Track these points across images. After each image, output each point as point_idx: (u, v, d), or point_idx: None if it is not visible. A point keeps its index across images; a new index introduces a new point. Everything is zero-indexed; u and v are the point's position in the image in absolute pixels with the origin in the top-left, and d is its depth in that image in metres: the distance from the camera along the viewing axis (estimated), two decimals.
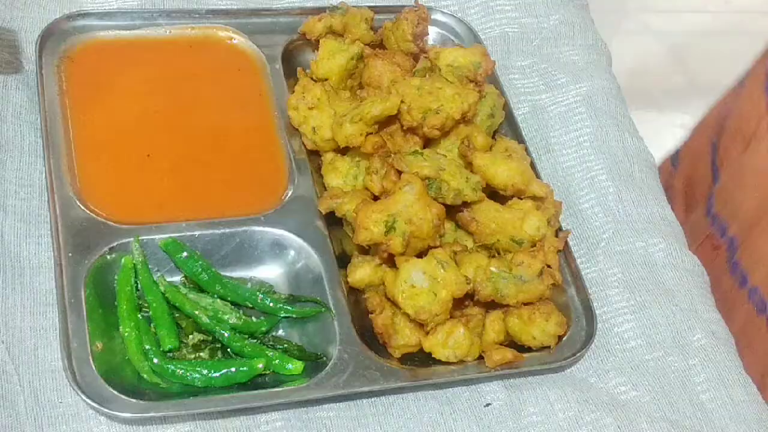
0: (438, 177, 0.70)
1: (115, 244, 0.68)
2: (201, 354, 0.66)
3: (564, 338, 0.71)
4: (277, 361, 0.65)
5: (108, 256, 0.67)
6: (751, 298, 0.80)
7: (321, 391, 0.64)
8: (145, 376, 0.63)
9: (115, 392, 0.61)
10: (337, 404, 0.66)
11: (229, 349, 0.66)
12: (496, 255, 0.71)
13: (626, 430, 0.69)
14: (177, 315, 0.67)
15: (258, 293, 0.69)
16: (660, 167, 0.92)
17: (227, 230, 0.70)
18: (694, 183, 0.93)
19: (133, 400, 0.61)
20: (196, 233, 0.70)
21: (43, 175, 0.71)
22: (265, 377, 0.65)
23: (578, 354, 0.70)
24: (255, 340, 0.67)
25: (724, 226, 0.84)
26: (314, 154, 0.77)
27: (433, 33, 0.86)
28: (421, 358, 0.68)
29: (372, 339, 0.68)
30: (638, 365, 0.73)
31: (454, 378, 0.68)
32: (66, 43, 0.78)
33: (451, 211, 0.72)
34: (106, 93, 0.77)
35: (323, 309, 0.68)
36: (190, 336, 0.66)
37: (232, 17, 0.83)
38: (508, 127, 0.83)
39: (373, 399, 0.67)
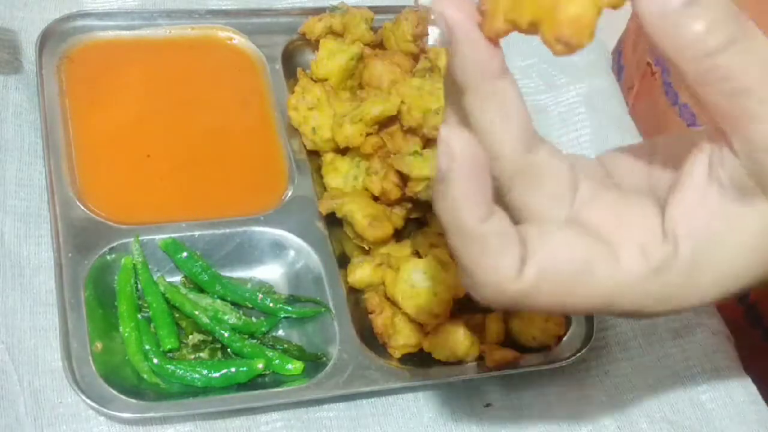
0: None
1: (115, 244, 0.68)
2: (201, 354, 0.66)
3: (564, 338, 0.71)
4: (277, 362, 0.65)
5: (108, 256, 0.67)
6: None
7: (321, 391, 0.64)
8: (145, 376, 0.63)
9: (115, 392, 0.61)
10: (337, 404, 0.66)
11: (229, 350, 0.67)
12: None
13: (626, 430, 0.69)
14: (177, 315, 0.67)
15: (258, 293, 0.69)
16: None
17: (227, 230, 0.70)
18: None
19: (133, 400, 0.61)
20: (196, 233, 0.70)
21: (43, 175, 0.71)
22: (265, 377, 0.65)
23: (578, 354, 0.70)
24: (255, 341, 0.67)
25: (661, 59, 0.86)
26: (314, 154, 0.77)
27: (433, 33, 0.86)
28: (421, 358, 0.68)
29: (372, 339, 0.68)
30: (638, 365, 0.73)
31: (454, 378, 0.68)
32: (66, 43, 0.78)
33: None
34: (106, 93, 0.77)
35: (323, 309, 0.68)
36: (190, 336, 0.66)
37: (232, 17, 0.83)
38: None
39: (373, 399, 0.67)
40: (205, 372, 0.64)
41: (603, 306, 0.40)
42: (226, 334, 0.66)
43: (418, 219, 0.75)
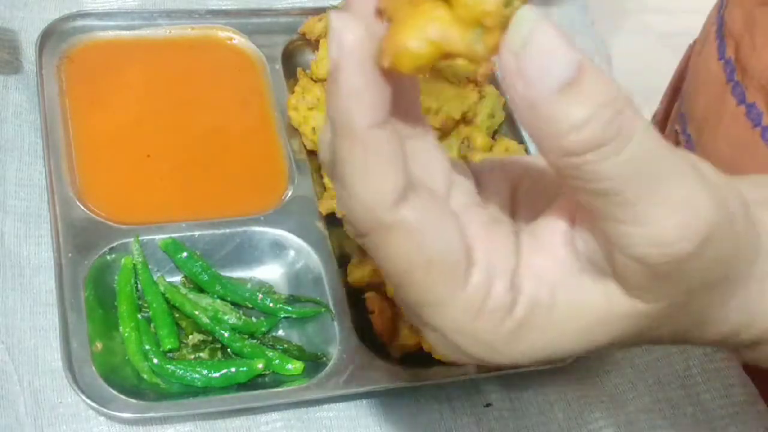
0: None
1: (115, 244, 0.68)
2: (201, 354, 0.66)
3: None
4: (277, 362, 0.65)
5: (108, 256, 0.67)
6: None
7: (321, 391, 0.64)
8: (145, 376, 0.63)
9: (115, 392, 0.61)
10: (337, 404, 0.66)
11: (229, 350, 0.67)
12: None
13: (626, 430, 0.69)
14: (177, 315, 0.67)
15: (258, 293, 0.69)
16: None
17: (227, 230, 0.70)
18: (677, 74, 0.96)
19: (133, 401, 0.61)
20: (196, 233, 0.70)
21: (43, 175, 0.71)
22: (265, 377, 0.65)
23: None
24: (255, 341, 0.67)
25: (685, 124, 0.86)
26: (314, 154, 0.77)
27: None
28: (421, 358, 0.68)
29: (372, 339, 0.68)
30: (638, 365, 0.73)
31: (454, 378, 0.68)
32: (66, 43, 0.78)
33: None
34: (106, 93, 0.77)
35: (323, 309, 0.68)
36: (190, 336, 0.66)
37: (232, 17, 0.83)
38: (508, 127, 0.83)
39: (373, 399, 0.67)
40: (205, 372, 0.64)
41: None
42: (226, 334, 0.66)
43: None
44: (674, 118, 0.90)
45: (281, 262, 0.71)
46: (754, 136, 0.75)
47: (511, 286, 0.36)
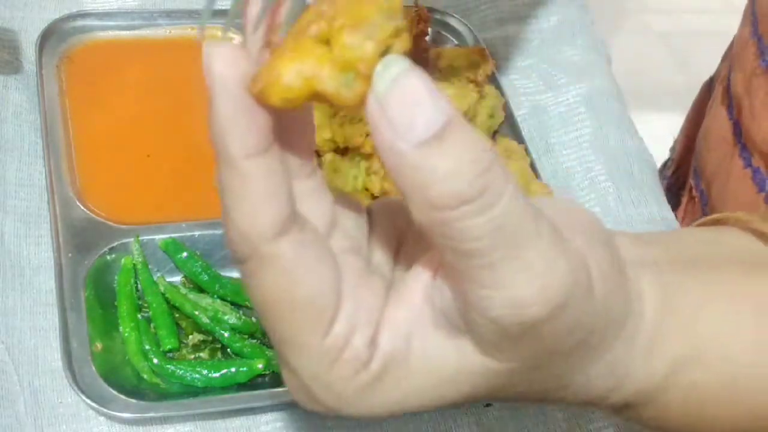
0: None
1: (115, 244, 0.68)
2: (201, 354, 0.66)
3: None
4: (276, 362, 0.65)
5: (108, 256, 0.67)
6: None
7: None
8: (145, 376, 0.63)
9: (115, 392, 0.61)
10: None
11: (229, 350, 0.67)
12: None
13: (626, 430, 0.69)
14: (177, 315, 0.67)
15: None
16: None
17: None
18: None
19: (133, 401, 0.61)
20: (196, 233, 0.70)
21: (43, 175, 0.71)
22: (265, 377, 0.65)
23: None
24: (255, 341, 0.67)
25: (698, 179, 0.86)
26: (314, 154, 0.77)
27: (433, 33, 0.86)
28: None
29: None
30: None
31: None
32: (66, 43, 0.78)
33: None
34: (106, 93, 0.77)
35: None
36: (190, 336, 0.66)
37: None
38: (508, 127, 0.83)
39: None
40: (205, 372, 0.64)
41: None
42: (226, 334, 0.66)
43: None
44: (690, 173, 0.90)
45: None
46: (758, 200, 0.75)
47: (371, 340, 0.36)
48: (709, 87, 0.94)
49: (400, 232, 0.40)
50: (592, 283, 0.35)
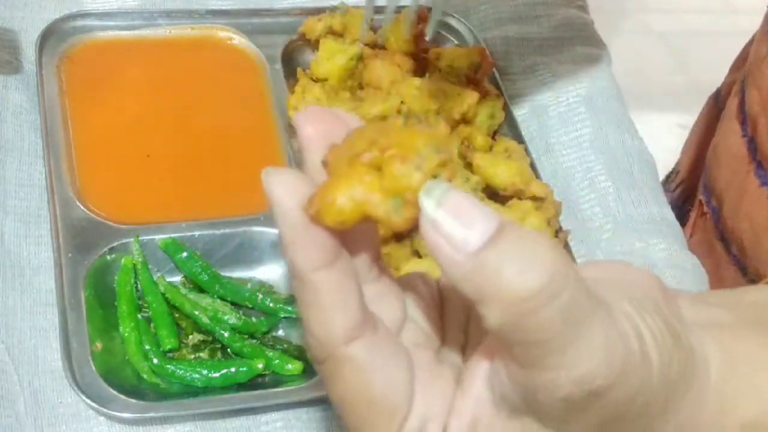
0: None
1: (115, 244, 0.68)
2: (201, 354, 0.66)
3: None
4: (276, 362, 0.65)
5: (108, 256, 0.67)
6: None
7: (321, 391, 0.64)
8: (145, 376, 0.63)
9: (115, 392, 0.61)
10: None
11: (229, 350, 0.67)
12: None
13: None
14: (177, 315, 0.67)
15: (258, 293, 0.69)
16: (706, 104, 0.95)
17: (227, 230, 0.70)
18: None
19: (133, 401, 0.61)
20: (196, 233, 0.70)
21: (43, 175, 0.71)
22: (265, 377, 0.65)
23: None
24: (255, 341, 0.67)
25: (709, 195, 0.85)
26: None
27: (433, 33, 0.86)
28: None
29: None
30: None
31: None
32: (66, 43, 0.78)
33: None
34: (106, 93, 0.77)
35: None
36: (190, 336, 0.66)
37: (232, 17, 0.83)
38: (508, 127, 0.83)
39: None
40: (205, 372, 0.64)
41: None
42: (226, 334, 0.66)
43: None
44: (699, 188, 0.89)
45: (281, 262, 0.71)
46: None
47: (444, 430, 0.38)
48: (715, 100, 0.93)
49: (467, 313, 0.42)
50: (648, 351, 0.37)
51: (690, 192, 0.94)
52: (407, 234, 0.71)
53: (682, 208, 0.93)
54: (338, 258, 0.36)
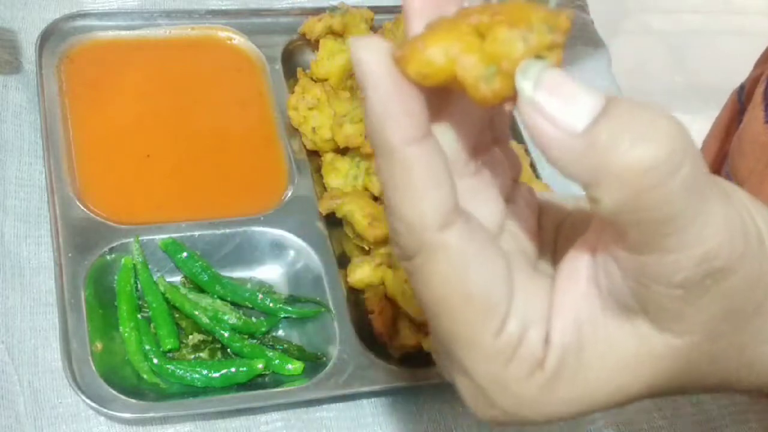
0: None
1: (115, 244, 0.68)
2: (201, 354, 0.66)
3: None
4: (277, 362, 0.65)
5: (108, 256, 0.67)
6: None
7: (321, 391, 0.64)
8: (145, 376, 0.63)
9: (115, 392, 0.61)
10: (337, 404, 0.66)
11: (229, 350, 0.67)
12: None
13: (626, 430, 0.69)
14: (177, 315, 0.67)
15: (258, 293, 0.69)
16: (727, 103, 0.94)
17: (227, 230, 0.70)
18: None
19: (133, 401, 0.61)
20: (196, 233, 0.70)
21: (43, 175, 0.71)
22: (265, 377, 0.65)
23: None
24: (255, 341, 0.67)
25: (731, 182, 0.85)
26: (314, 154, 0.77)
27: None
28: (421, 358, 0.68)
29: (372, 339, 0.68)
30: None
31: None
32: (66, 43, 0.78)
33: None
34: (106, 93, 0.77)
35: (323, 309, 0.68)
36: (190, 336, 0.66)
37: (232, 17, 0.83)
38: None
39: (373, 399, 0.67)
40: (205, 372, 0.64)
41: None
42: (226, 334, 0.66)
43: None
44: (722, 176, 0.89)
45: (281, 262, 0.71)
46: None
47: (545, 338, 0.35)
48: (738, 95, 0.93)
49: (556, 226, 0.40)
50: (762, 236, 0.34)
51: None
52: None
53: None
54: (429, 134, 0.33)
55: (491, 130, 0.38)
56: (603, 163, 0.31)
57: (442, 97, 0.35)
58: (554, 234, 0.40)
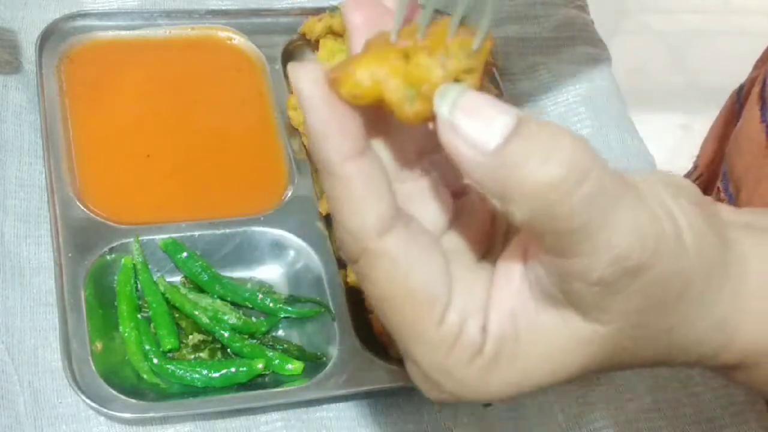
0: None
1: (115, 244, 0.68)
2: (201, 354, 0.66)
3: None
4: (276, 362, 0.65)
5: (108, 256, 0.67)
6: None
7: (321, 391, 0.64)
8: (145, 376, 0.63)
9: (115, 392, 0.61)
10: (337, 404, 0.66)
11: (229, 350, 0.67)
12: None
13: (626, 430, 0.69)
14: (177, 315, 0.67)
15: (258, 293, 0.69)
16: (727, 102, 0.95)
17: (227, 230, 0.70)
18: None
19: (133, 401, 0.61)
20: (196, 233, 0.70)
21: (43, 175, 0.71)
22: (265, 377, 0.65)
23: None
24: (255, 341, 0.67)
25: (727, 182, 0.85)
26: None
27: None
28: None
29: (372, 339, 0.68)
30: None
31: None
32: (66, 43, 0.78)
33: None
34: (106, 93, 0.77)
35: (323, 309, 0.68)
36: (190, 336, 0.66)
37: (232, 17, 0.83)
38: None
39: (373, 399, 0.67)
40: (205, 372, 0.64)
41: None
42: (226, 334, 0.66)
43: None
44: (719, 177, 0.89)
45: (281, 262, 0.71)
46: None
47: (483, 326, 0.38)
48: (738, 94, 0.93)
49: (491, 219, 0.42)
50: (681, 233, 0.37)
51: (707, 185, 0.94)
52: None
53: None
54: (366, 149, 0.36)
55: None
56: (512, 180, 0.33)
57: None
58: (507, 226, 0.42)
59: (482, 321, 0.38)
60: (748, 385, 0.44)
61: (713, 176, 0.93)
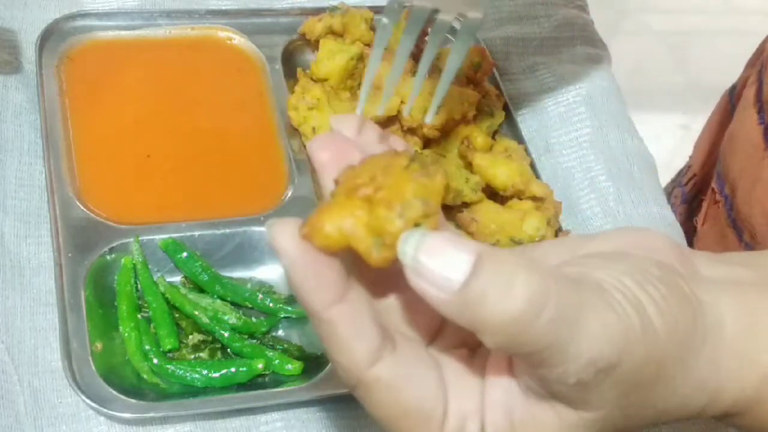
0: None
1: (115, 244, 0.68)
2: (201, 354, 0.66)
3: None
4: (276, 362, 0.65)
5: (108, 256, 0.67)
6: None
7: (321, 391, 0.64)
8: (145, 376, 0.63)
9: (115, 392, 0.61)
10: (337, 404, 0.66)
11: (229, 350, 0.67)
12: None
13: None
14: (177, 315, 0.67)
15: (258, 293, 0.69)
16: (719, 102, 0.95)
17: (227, 230, 0.70)
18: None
19: (133, 401, 0.61)
20: (196, 233, 0.70)
21: (43, 175, 0.71)
22: (265, 377, 0.65)
23: None
24: (255, 341, 0.67)
25: (722, 183, 0.86)
26: None
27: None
28: None
29: None
30: None
31: None
32: (66, 43, 0.78)
33: (451, 212, 0.72)
34: (106, 93, 0.77)
35: None
36: (190, 336, 0.66)
37: (232, 17, 0.83)
38: (508, 127, 0.83)
39: None
40: (205, 372, 0.64)
41: None
42: (226, 334, 0.66)
43: None
44: (713, 178, 0.89)
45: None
46: None
47: (481, 426, 0.41)
48: (730, 96, 0.93)
49: None
50: (651, 321, 0.39)
51: (702, 185, 0.94)
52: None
53: (692, 201, 0.93)
54: (348, 290, 0.38)
55: None
56: (477, 316, 0.36)
57: None
58: None
59: (480, 421, 0.41)
60: (741, 429, 0.46)
61: (707, 177, 0.93)
